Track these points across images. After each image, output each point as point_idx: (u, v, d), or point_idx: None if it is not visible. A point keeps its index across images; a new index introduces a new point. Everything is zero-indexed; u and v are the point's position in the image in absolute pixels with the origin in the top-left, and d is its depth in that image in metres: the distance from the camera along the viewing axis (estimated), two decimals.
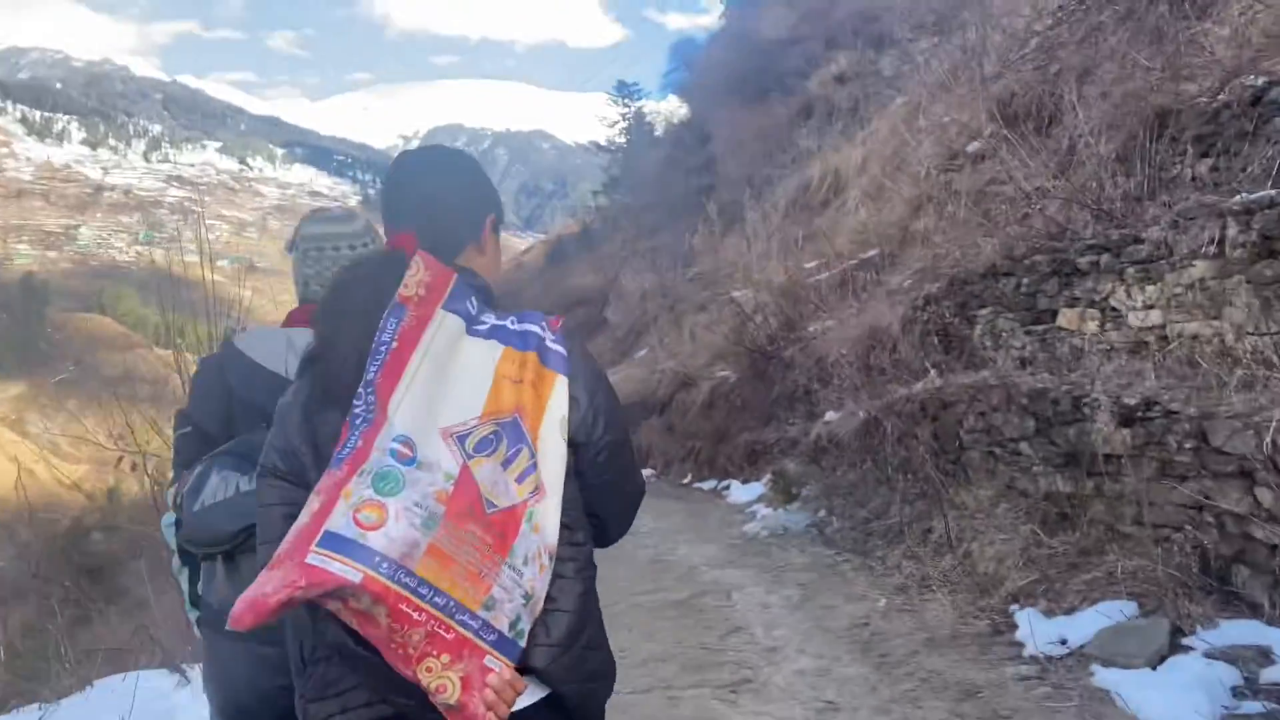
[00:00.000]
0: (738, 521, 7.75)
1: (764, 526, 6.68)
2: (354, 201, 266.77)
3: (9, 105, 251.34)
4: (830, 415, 8.71)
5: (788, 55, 30.52)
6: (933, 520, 5.04)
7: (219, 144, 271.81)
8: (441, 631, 1.11)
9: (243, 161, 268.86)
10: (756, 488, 9.53)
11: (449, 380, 1.24)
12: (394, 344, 1.23)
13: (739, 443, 11.06)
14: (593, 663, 1.30)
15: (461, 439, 1.19)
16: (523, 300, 43.03)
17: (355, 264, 1.48)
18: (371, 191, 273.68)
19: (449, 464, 1.17)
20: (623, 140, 49.53)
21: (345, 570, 1.08)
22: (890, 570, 4.94)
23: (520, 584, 1.16)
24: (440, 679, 1.11)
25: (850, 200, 16.70)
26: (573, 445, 1.29)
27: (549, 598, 1.21)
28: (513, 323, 1.32)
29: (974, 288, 6.25)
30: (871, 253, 11.40)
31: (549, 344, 1.31)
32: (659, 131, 47.56)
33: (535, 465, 1.21)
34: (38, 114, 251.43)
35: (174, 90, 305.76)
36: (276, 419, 1.35)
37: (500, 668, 1.13)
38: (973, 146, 9.67)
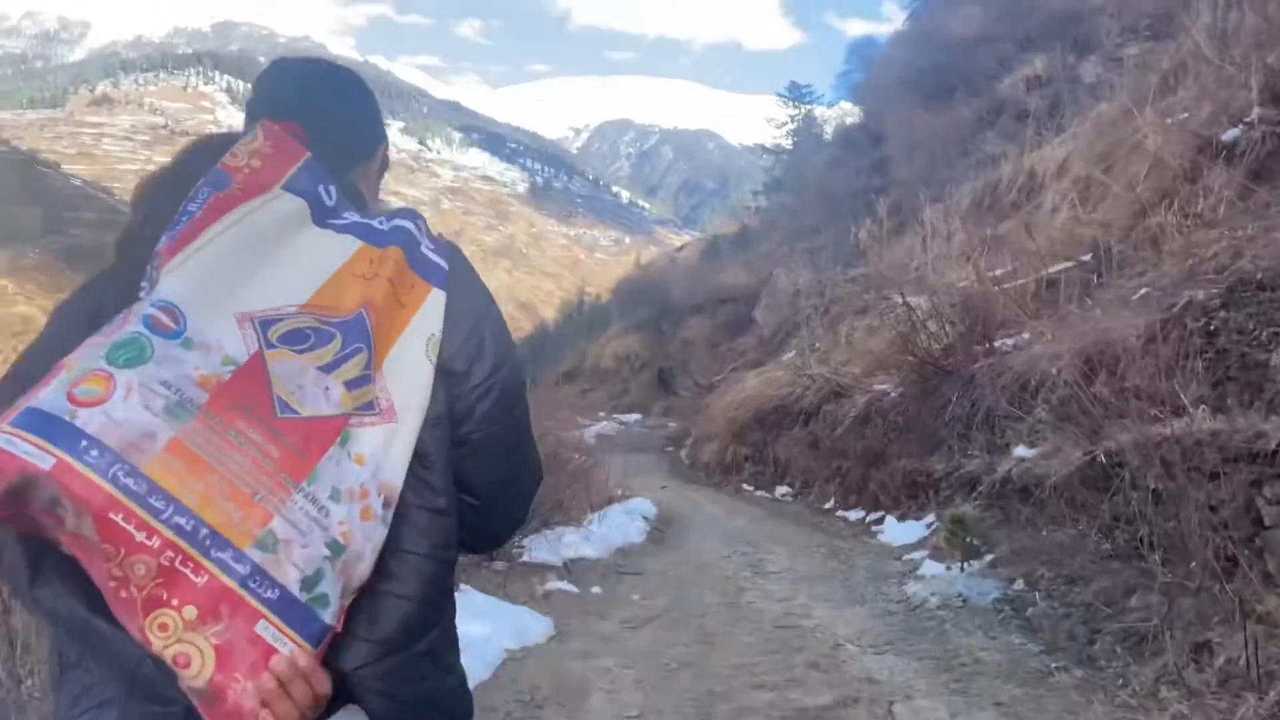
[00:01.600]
0: (895, 574, 6.06)
1: (933, 591, 4.96)
2: (522, 188, 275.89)
3: (217, 75, 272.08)
4: (1024, 451, 6.89)
5: (976, 55, 28.66)
6: (1214, 632, 3.30)
7: (402, 124, 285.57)
8: (185, 570, 0.79)
9: (422, 142, 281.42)
10: (917, 529, 7.78)
11: (268, 262, 0.97)
12: (198, 214, 0.97)
13: (897, 470, 9.29)
14: (430, 684, 0.95)
15: (265, 325, 0.92)
16: (671, 295, 42.28)
17: (206, 137, 1.19)
18: (539, 180, 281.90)
19: (234, 348, 0.89)
20: (789, 143, 48.95)
21: (32, 454, 0.78)
22: (1142, 700, 3.22)
23: (324, 525, 0.84)
24: (180, 645, 0.78)
25: (1049, 201, 14.55)
26: (446, 376, 1.00)
27: (383, 572, 0.89)
28: (381, 222, 1.09)
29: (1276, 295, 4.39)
30: (1084, 257, 9.41)
31: (425, 250, 1.08)
32: (828, 135, 46.58)
33: (374, 378, 0.94)
34: (241, 85, 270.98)
35: (365, 70, 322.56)
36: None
37: (291, 648, 0.80)
38: (1231, 134, 7.60)
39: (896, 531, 7.97)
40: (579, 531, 6.61)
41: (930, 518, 7.89)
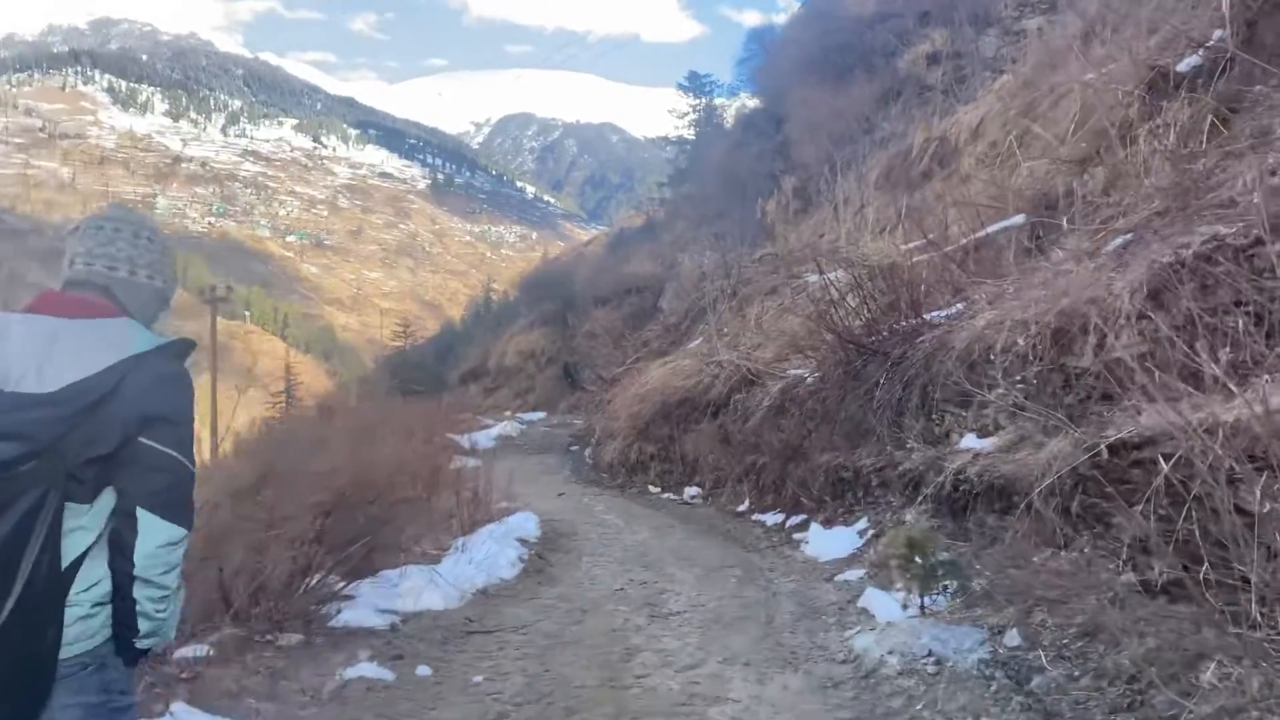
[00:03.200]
0: (832, 608, 4.75)
1: (891, 646, 3.52)
2: (423, 185, 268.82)
3: (97, 74, 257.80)
4: (974, 442, 5.70)
5: (874, 33, 28.26)
6: None
7: (295, 121, 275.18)
8: None
9: (317, 140, 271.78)
10: (847, 538, 6.55)
11: None
12: None
13: (818, 466, 8.07)
14: None
15: None
16: (576, 288, 40.86)
17: None
18: (441, 176, 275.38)
19: None
20: (692, 133, 48.76)
21: None
22: None
23: None
24: None
25: (965, 166, 13.62)
26: None
27: None
28: None
29: None
30: (1016, 218, 8.35)
31: None
32: (730, 124, 46.33)
33: None
34: (123, 84, 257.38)
35: (255, 67, 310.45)
36: None
37: None
38: (1189, 61, 6.58)
39: (823, 541, 6.72)
40: (426, 572, 5.15)
41: (862, 524, 6.67)
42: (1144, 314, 3.88)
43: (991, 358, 5.35)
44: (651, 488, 11.72)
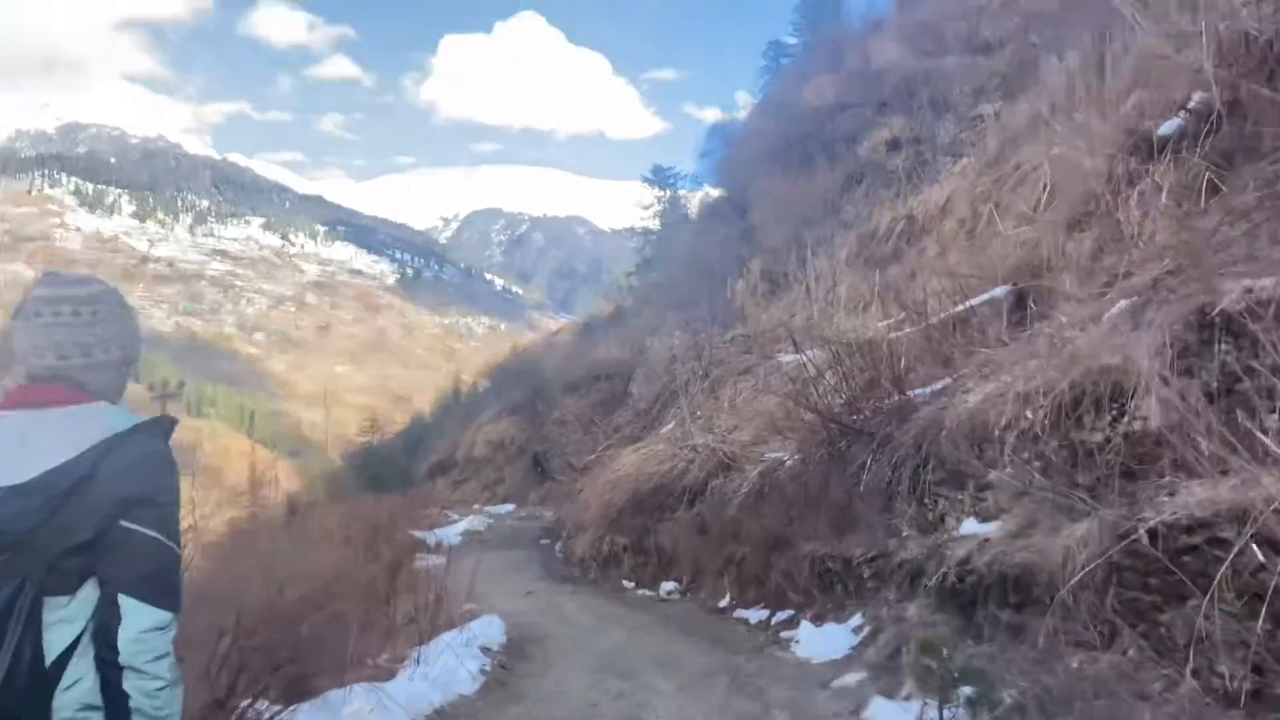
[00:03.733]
0: None
1: None
2: (392, 280, 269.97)
3: (64, 178, 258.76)
4: (975, 527, 5.24)
5: (834, 122, 28.96)
6: None
7: (263, 220, 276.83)
8: None
9: (285, 237, 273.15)
10: (840, 636, 5.99)
11: None
12: None
13: (804, 556, 7.54)
14: None
15: None
16: (545, 376, 40.44)
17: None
18: (410, 270, 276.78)
19: None
20: (657, 224, 49.57)
21: None
22: None
23: None
24: None
25: (933, 244, 13.51)
26: None
27: None
28: None
29: None
30: (998, 290, 8.06)
31: None
32: (693, 214, 47.20)
33: None
34: (90, 186, 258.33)
35: (223, 168, 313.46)
36: None
37: None
38: (1169, 127, 6.40)
39: (815, 641, 6.16)
40: (379, 689, 4.53)
41: (856, 619, 6.12)
42: (1169, 379, 3.49)
43: (993, 435, 4.93)
44: (626, 583, 11.07)
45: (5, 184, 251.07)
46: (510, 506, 27.75)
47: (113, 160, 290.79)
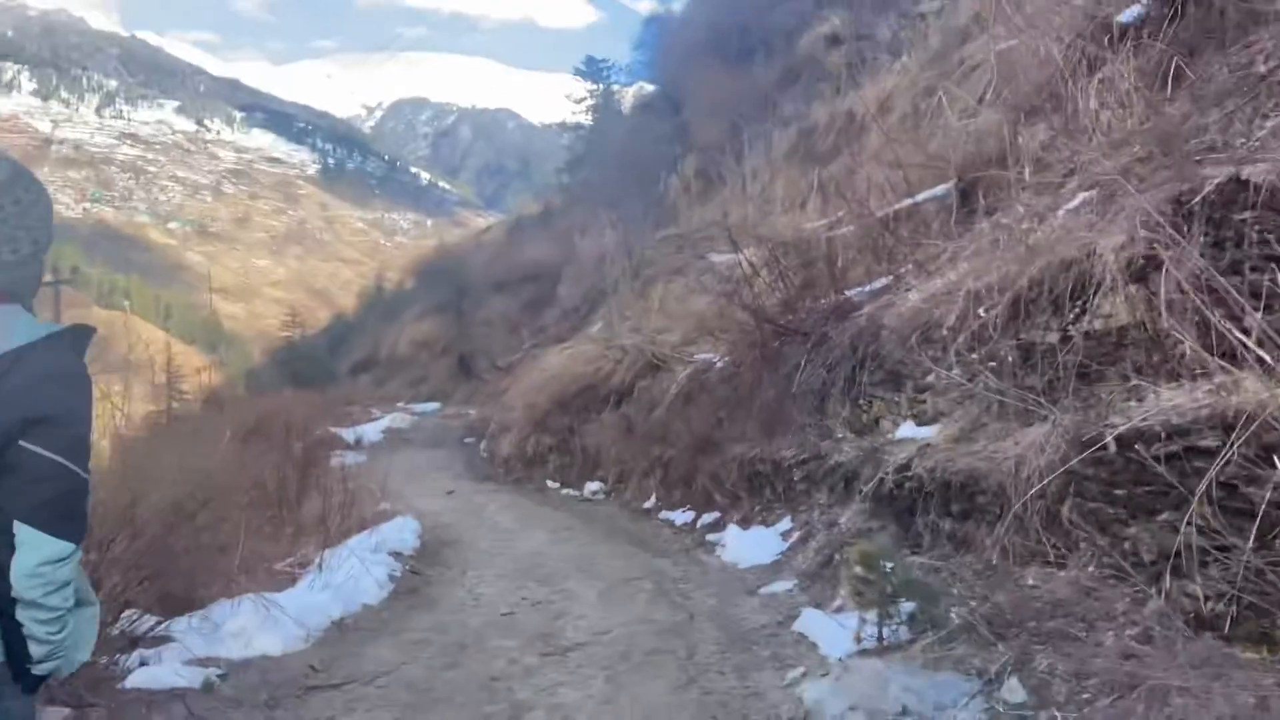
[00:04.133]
0: (764, 634, 3.92)
1: (855, 702, 2.73)
2: (313, 170, 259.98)
3: None
4: (913, 431, 5.01)
5: (774, 15, 28.07)
6: None
7: (177, 104, 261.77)
8: None
9: (200, 123, 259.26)
10: (769, 540, 5.79)
11: None
12: None
13: (732, 458, 7.31)
14: None
15: None
16: (472, 275, 39.58)
17: None
18: (331, 161, 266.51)
19: None
20: (590, 119, 48.28)
21: None
22: None
23: None
24: None
25: (874, 140, 13.15)
26: None
27: None
28: None
29: None
30: (942, 186, 7.75)
31: None
32: (627, 109, 46.06)
33: None
34: None
35: (132, 46, 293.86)
36: None
37: None
38: (1129, 14, 6.04)
39: (742, 545, 5.96)
40: (269, 601, 4.13)
41: (785, 523, 5.93)
42: (1138, 273, 3.20)
43: (937, 335, 4.64)
44: (550, 483, 10.82)
45: None
46: (435, 405, 27.29)
47: (10, 34, 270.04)
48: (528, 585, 5.36)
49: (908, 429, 5.17)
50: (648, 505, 8.42)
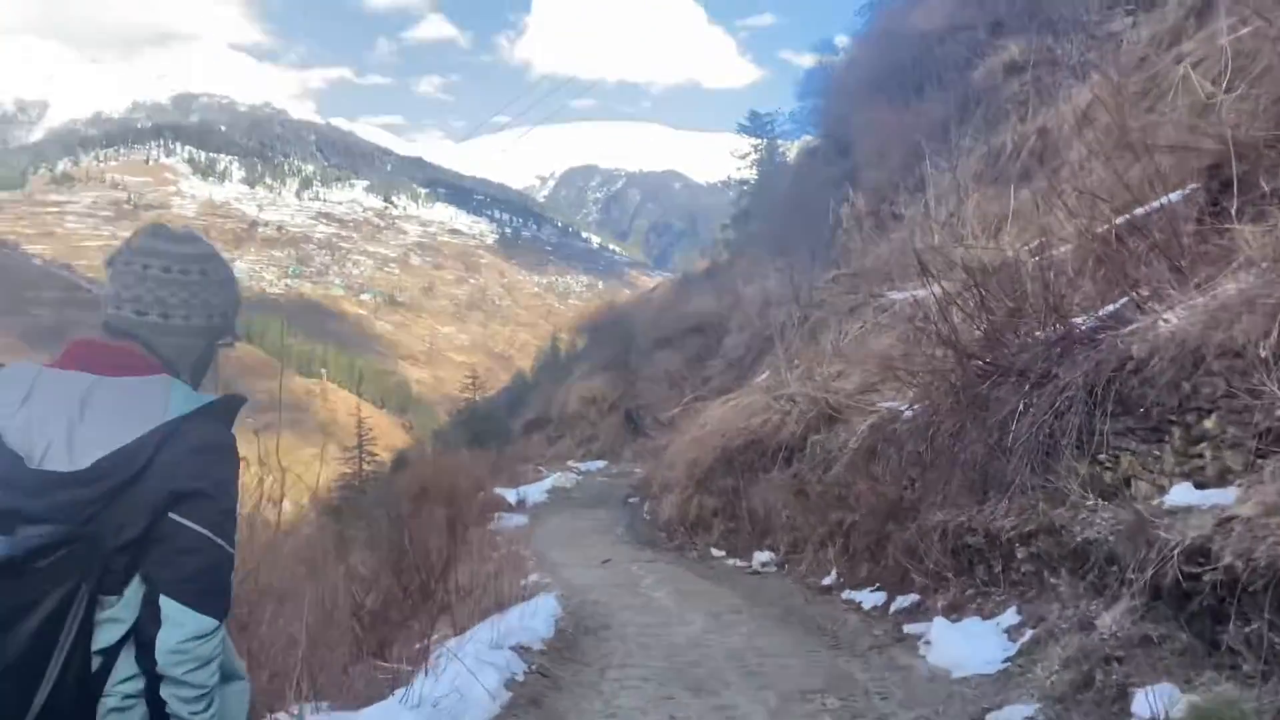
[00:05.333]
0: None
1: None
2: (491, 239, 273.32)
3: (178, 147, 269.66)
4: (1191, 495, 3.65)
5: (944, 48, 26.52)
6: None
7: (366, 183, 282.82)
8: None
9: (387, 200, 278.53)
10: (988, 638, 4.46)
11: None
12: None
13: (932, 527, 5.99)
14: None
15: None
16: (638, 331, 39.37)
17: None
18: (508, 230, 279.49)
19: None
20: (754, 173, 48.07)
21: None
22: None
23: None
24: None
25: (1075, 155, 11.53)
26: None
27: None
28: None
29: None
30: (1180, 191, 6.26)
31: None
32: (791, 159, 45.41)
33: None
34: (203, 154, 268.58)
35: (327, 132, 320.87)
36: None
37: None
38: None
39: (954, 643, 4.65)
40: (372, 712, 3.25)
41: (1011, 615, 4.59)
42: None
43: (1211, 365, 3.31)
44: (715, 551, 9.71)
45: (125, 154, 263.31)
46: (602, 463, 26.83)
47: (223, 128, 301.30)
48: (678, 695, 4.27)
49: (1181, 493, 3.80)
50: (827, 581, 7.17)
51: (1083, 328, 5.57)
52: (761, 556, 8.51)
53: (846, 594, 6.69)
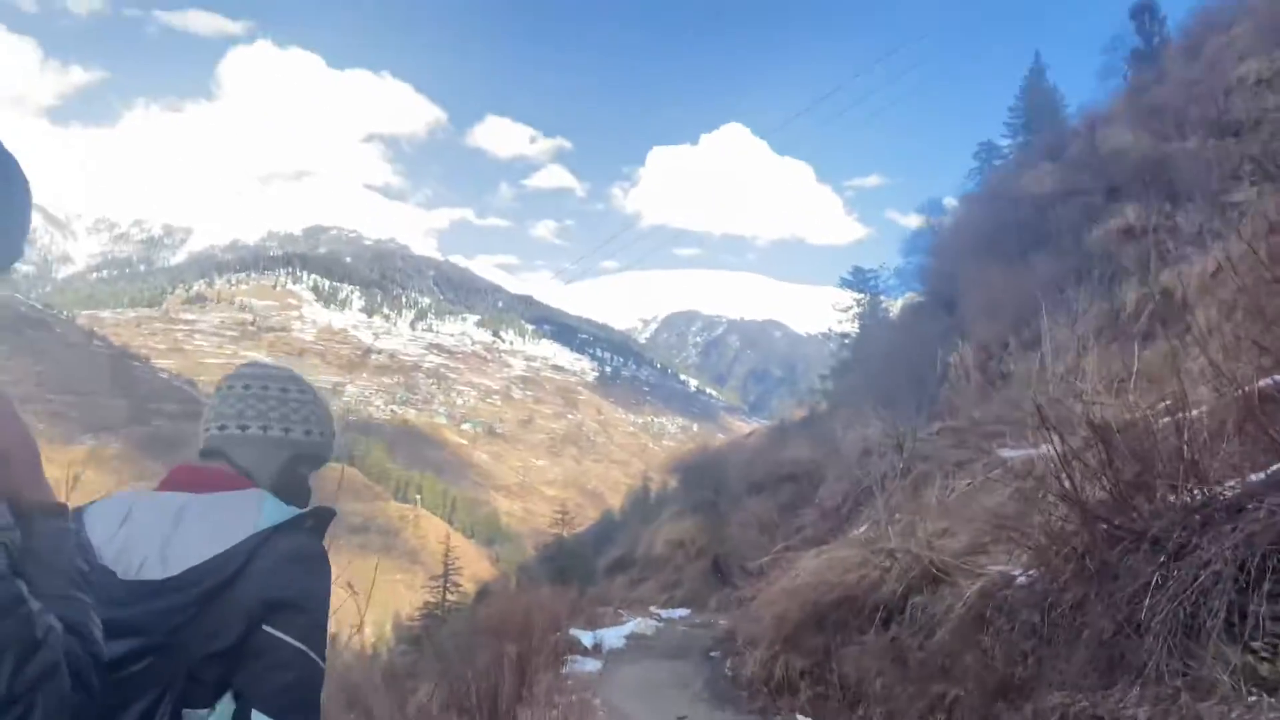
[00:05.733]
0: None
1: None
2: (592, 377, 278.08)
3: (304, 275, 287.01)
4: None
5: (1057, 211, 26.47)
6: None
7: (477, 317, 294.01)
8: None
9: (496, 334, 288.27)
10: None
11: None
12: None
13: (1049, 708, 5.28)
14: None
15: None
16: (730, 472, 38.66)
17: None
18: (609, 369, 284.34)
19: None
20: (855, 327, 48.03)
21: None
22: None
23: None
24: None
25: (1201, 320, 10.89)
26: None
27: None
28: None
29: None
30: None
31: None
32: (894, 315, 45.26)
33: None
34: (327, 283, 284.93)
35: (445, 268, 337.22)
36: None
37: None
38: None
39: None
40: None
41: None
42: None
43: None
44: (800, 718, 8.91)
45: (254, 279, 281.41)
46: (686, 611, 25.81)
47: (348, 260, 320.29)
48: None
49: None
50: None
51: (1227, 495, 4.99)
52: None
53: None
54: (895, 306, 47.08)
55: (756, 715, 9.61)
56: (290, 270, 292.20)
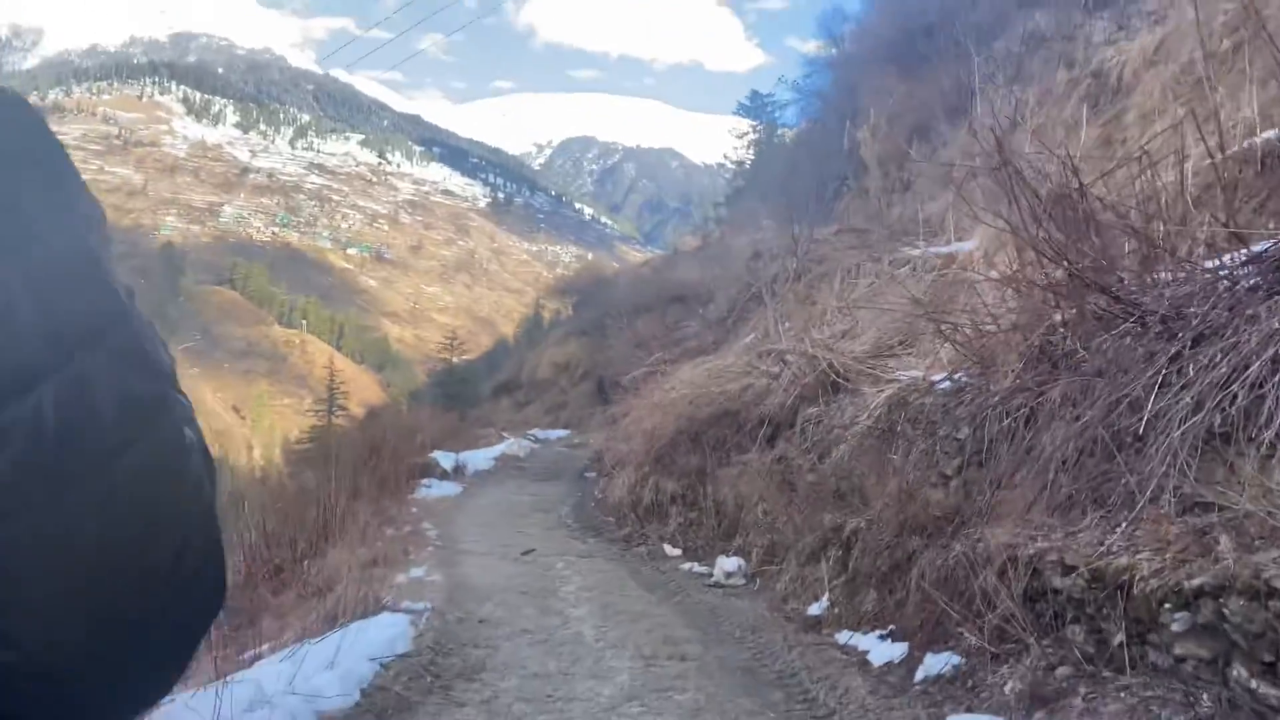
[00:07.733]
0: None
1: None
2: (484, 203, 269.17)
3: (173, 85, 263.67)
4: None
5: (967, 15, 24.52)
6: None
7: (361, 137, 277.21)
8: None
9: (382, 155, 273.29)
10: None
11: None
12: None
13: (988, 555, 3.87)
14: None
15: None
16: (619, 294, 37.33)
17: None
18: (501, 195, 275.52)
19: None
20: (751, 154, 46.77)
21: None
22: None
23: None
24: None
25: (1140, 97, 9.43)
26: None
27: None
28: None
29: None
30: None
31: None
32: (789, 139, 43.83)
33: None
34: (198, 95, 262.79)
35: (325, 82, 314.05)
36: None
37: None
38: None
39: None
40: None
41: (1153, 716, 2.51)
42: None
43: None
44: (669, 548, 7.60)
45: (118, 89, 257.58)
46: (566, 431, 24.78)
47: (220, 70, 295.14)
48: None
49: None
50: (815, 610, 5.08)
51: (1196, 263, 3.47)
52: (727, 564, 6.38)
53: (844, 636, 4.60)
54: (792, 135, 45.64)
55: (621, 544, 8.30)
56: (157, 80, 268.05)
